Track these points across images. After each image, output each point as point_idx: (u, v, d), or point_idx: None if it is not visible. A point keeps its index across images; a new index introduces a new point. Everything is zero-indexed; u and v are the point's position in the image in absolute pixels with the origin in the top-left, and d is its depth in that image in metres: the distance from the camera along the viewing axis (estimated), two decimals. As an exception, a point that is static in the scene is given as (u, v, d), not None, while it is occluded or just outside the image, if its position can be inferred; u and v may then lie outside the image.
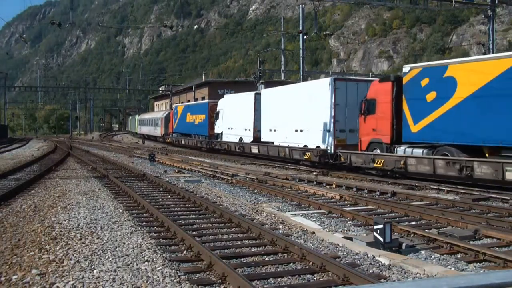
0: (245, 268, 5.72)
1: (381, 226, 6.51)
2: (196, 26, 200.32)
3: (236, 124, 28.29)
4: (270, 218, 8.85)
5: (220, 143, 29.47)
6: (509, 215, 9.29)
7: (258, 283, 5.17)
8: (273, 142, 23.52)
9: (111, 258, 5.97)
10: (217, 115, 31.05)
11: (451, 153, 14.31)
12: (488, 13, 24.95)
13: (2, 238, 7.15)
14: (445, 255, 6.39)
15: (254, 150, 24.53)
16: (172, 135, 42.55)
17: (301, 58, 30.07)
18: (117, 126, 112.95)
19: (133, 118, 70.65)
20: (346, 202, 11.06)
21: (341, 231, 7.88)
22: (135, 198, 10.77)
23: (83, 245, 6.62)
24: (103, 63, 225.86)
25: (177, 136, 40.78)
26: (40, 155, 25.54)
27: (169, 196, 11.71)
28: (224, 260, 5.67)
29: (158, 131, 48.65)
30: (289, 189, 13.06)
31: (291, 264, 5.88)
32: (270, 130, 24.12)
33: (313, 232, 7.52)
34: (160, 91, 76.92)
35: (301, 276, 5.42)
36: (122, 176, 15.93)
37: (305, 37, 31.67)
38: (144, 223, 8.36)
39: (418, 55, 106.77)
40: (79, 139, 57.91)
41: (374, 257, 6.01)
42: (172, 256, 6.17)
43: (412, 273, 5.46)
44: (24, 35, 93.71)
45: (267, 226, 8.03)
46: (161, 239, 7.15)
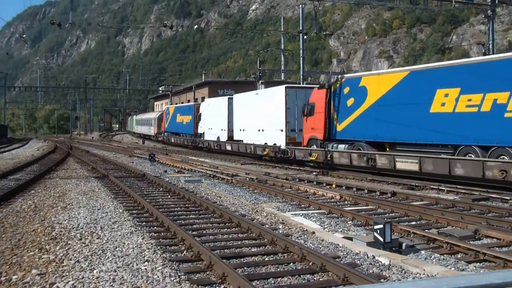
0: (245, 268, 5.71)
1: (381, 226, 6.51)
2: (196, 26, 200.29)
3: (215, 125, 31.60)
4: (270, 218, 8.85)
5: (202, 142, 32.99)
6: (509, 215, 9.29)
7: (258, 283, 5.17)
8: (243, 140, 26.54)
9: (111, 258, 5.97)
10: (200, 117, 34.62)
11: (363, 148, 17.51)
12: (488, 13, 24.93)
13: (2, 238, 7.15)
14: (445, 255, 6.39)
15: (228, 148, 27.76)
16: (164, 134, 45.58)
17: (301, 58, 30.05)
18: (117, 126, 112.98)
19: (132, 118, 73.86)
20: (346, 202, 11.06)
21: (341, 231, 7.88)
22: (135, 198, 10.77)
23: (83, 245, 6.62)
24: (103, 63, 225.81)
25: (168, 135, 43.93)
26: (40, 155, 25.55)
27: (169, 196, 11.71)
28: (224, 260, 5.67)
29: (152, 130, 52.07)
30: (289, 189, 13.06)
31: (291, 264, 5.87)
32: (240, 130, 27.36)
33: (313, 232, 7.52)
34: (160, 91, 76.93)
35: (301, 276, 5.42)
36: (122, 176, 15.94)
37: (305, 37, 31.64)
38: (144, 223, 8.35)
39: (418, 55, 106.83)
40: (79, 139, 57.91)
41: (374, 257, 6.01)
42: (172, 256, 6.17)
43: (412, 273, 5.46)
44: (24, 35, 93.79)
45: (267, 226, 8.03)
46: (161, 239, 7.15)
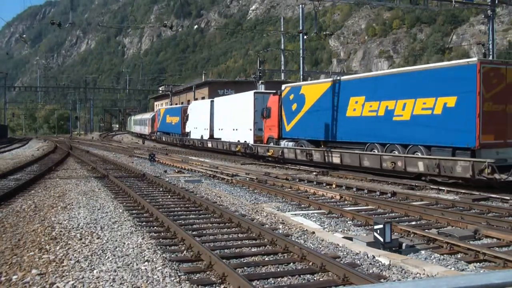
0: (245, 268, 5.71)
1: (381, 226, 6.51)
2: (196, 26, 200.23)
3: (199, 125, 34.91)
4: (270, 218, 8.85)
5: (188, 140, 36.36)
6: (509, 215, 9.29)
7: (258, 283, 5.17)
8: (221, 138, 29.91)
9: (111, 258, 5.97)
10: (187, 117, 38.20)
11: (304, 145, 20.67)
12: (488, 13, 24.90)
13: (2, 238, 7.15)
14: (445, 255, 6.39)
15: (209, 145, 30.99)
16: (156, 133, 49.68)
17: (301, 58, 30.05)
18: (117, 126, 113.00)
19: (130, 119, 78.11)
20: (346, 202, 11.06)
21: (341, 231, 7.88)
22: (135, 198, 10.77)
23: (83, 245, 6.62)
24: (103, 63, 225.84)
25: (160, 134, 47.91)
26: (40, 155, 25.55)
27: (169, 196, 11.71)
28: (224, 260, 5.67)
29: (146, 130, 56.59)
30: (289, 189, 13.06)
31: (291, 264, 5.87)
32: (219, 129, 30.82)
33: (313, 232, 7.52)
34: (160, 91, 76.94)
35: (301, 276, 5.42)
36: (122, 176, 15.93)
37: (305, 37, 31.64)
38: (144, 223, 8.35)
39: (418, 55, 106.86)
40: (79, 139, 57.91)
41: (374, 257, 6.01)
42: (172, 256, 6.17)
43: (412, 273, 5.46)
44: (24, 35, 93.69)
45: (267, 226, 8.03)
46: (161, 239, 7.15)
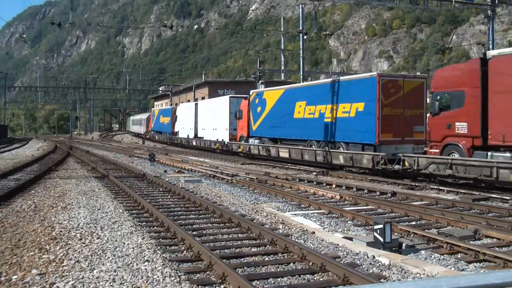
0: (245, 268, 5.72)
1: (381, 226, 6.51)
2: (196, 26, 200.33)
3: (186, 125, 38.36)
4: (270, 218, 8.85)
5: (176, 139, 39.89)
6: (509, 215, 9.29)
7: (258, 283, 5.17)
8: (203, 137, 33.65)
9: (111, 258, 5.97)
10: (176, 118, 41.70)
11: (265, 142, 24.27)
12: (488, 13, 24.89)
13: (2, 238, 7.15)
14: (445, 255, 6.39)
15: (194, 143, 34.82)
16: (150, 133, 53.62)
17: (301, 58, 30.02)
18: (117, 126, 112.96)
19: (129, 119, 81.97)
20: (346, 202, 11.06)
21: (341, 231, 7.88)
22: (135, 198, 10.77)
23: (83, 245, 6.62)
24: (103, 63, 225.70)
25: (153, 133, 51.80)
26: (40, 155, 25.54)
27: (169, 196, 11.71)
28: (224, 260, 5.67)
29: (142, 129, 60.62)
30: (289, 189, 13.06)
31: (291, 264, 5.88)
32: (202, 129, 34.57)
33: (313, 232, 7.52)
34: (160, 91, 76.92)
35: (301, 276, 5.42)
36: (122, 176, 15.93)
37: (305, 37, 31.62)
38: (144, 223, 8.35)
39: (418, 55, 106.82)
40: (79, 139, 57.89)
41: (374, 257, 6.01)
42: (172, 256, 6.17)
43: (412, 273, 5.46)
44: (24, 35, 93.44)
45: (267, 226, 8.03)
46: (161, 239, 7.15)
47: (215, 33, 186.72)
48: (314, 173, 17.40)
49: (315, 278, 5.39)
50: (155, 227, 8.05)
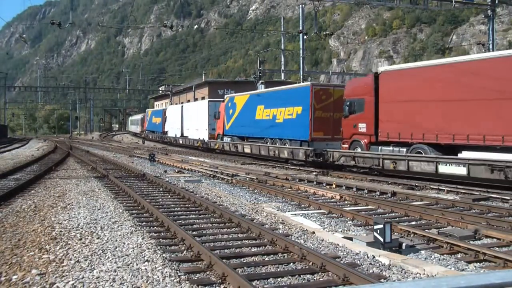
0: (245, 268, 5.71)
1: (381, 226, 6.50)
2: (196, 26, 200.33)
3: (174, 125, 41.85)
4: (270, 218, 8.85)
5: (166, 137, 43.69)
6: (509, 215, 9.29)
7: (258, 283, 5.17)
8: (188, 136, 37.07)
9: (111, 258, 5.97)
10: (166, 119, 45.27)
11: (235, 140, 27.56)
12: (488, 13, 24.92)
13: (2, 238, 7.14)
14: (445, 255, 6.39)
15: (180, 142, 38.40)
16: (145, 132, 57.70)
17: (301, 58, 30.06)
18: (117, 126, 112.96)
19: (128, 119, 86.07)
20: (346, 202, 11.06)
21: (341, 231, 7.88)
22: (135, 198, 10.76)
23: (83, 245, 6.62)
24: (103, 63, 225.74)
25: (147, 133, 55.67)
26: (40, 155, 25.54)
27: (169, 196, 11.71)
28: (224, 260, 5.67)
29: (138, 129, 65.30)
30: (289, 189, 13.06)
31: (291, 264, 5.87)
32: (187, 129, 37.95)
33: (313, 232, 7.52)
34: (160, 91, 76.94)
35: (301, 276, 5.42)
36: (122, 176, 15.93)
37: (305, 37, 31.64)
38: (144, 223, 8.35)
39: (418, 55, 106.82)
40: (79, 139, 57.91)
41: (374, 257, 6.01)
42: (172, 256, 6.17)
43: (412, 273, 5.46)
44: (24, 35, 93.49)
45: (267, 226, 8.02)
46: (161, 239, 7.14)
47: (215, 33, 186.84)
48: (314, 173, 17.40)
49: (315, 278, 5.38)
50: (155, 227, 8.05)
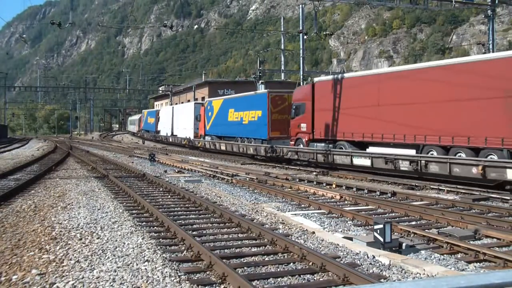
0: (245, 268, 5.71)
1: (381, 226, 6.50)
2: (196, 26, 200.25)
3: (165, 125, 46.14)
4: (270, 218, 8.85)
5: (159, 136, 48.29)
6: (509, 215, 9.29)
7: (258, 283, 5.17)
8: (177, 135, 40.96)
9: (111, 258, 5.97)
10: (159, 119, 50.04)
11: (214, 139, 31.35)
12: (488, 13, 24.88)
13: (2, 238, 7.15)
14: (445, 255, 6.39)
15: (170, 140, 42.57)
16: (141, 131, 62.04)
17: (301, 58, 30.01)
18: (117, 126, 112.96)
19: (128, 119, 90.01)
20: (346, 202, 11.05)
21: (341, 231, 7.88)
22: (135, 198, 10.76)
23: (83, 245, 6.62)
24: (103, 63, 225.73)
25: (143, 132, 60.10)
26: (40, 155, 25.54)
27: (169, 196, 11.71)
28: (224, 260, 5.67)
29: (136, 129, 70.30)
30: (289, 189, 13.06)
31: (291, 264, 5.87)
32: (177, 128, 42.03)
33: (313, 232, 7.52)
34: (160, 91, 76.93)
35: (301, 276, 5.42)
36: (122, 176, 15.93)
37: (305, 37, 31.61)
38: (144, 223, 8.35)
39: (418, 55, 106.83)
40: (79, 139, 57.91)
41: (374, 257, 6.01)
42: (172, 256, 6.17)
43: (412, 273, 5.46)
44: (24, 35, 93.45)
45: (267, 226, 8.02)
46: (161, 239, 7.15)
47: (215, 33, 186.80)
48: (314, 173, 17.40)
49: (315, 278, 5.38)
50: (155, 227, 8.05)
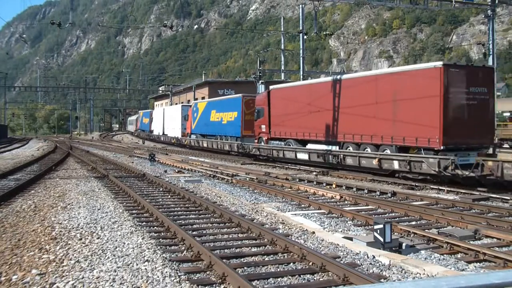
0: (245, 268, 5.71)
1: (381, 226, 6.51)
2: (196, 26, 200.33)
3: (158, 125, 50.19)
4: (270, 218, 8.85)
5: (152, 135, 52.36)
6: (509, 215, 9.30)
7: (258, 283, 5.17)
8: (167, 134, 44.87)
9: (111, 258, 5.97)
10: (152, 120, 53.97)
11: (198, 137, 34.71)
12: (488, 13, 24.87)
13: (2, 238, 7.15)
14: (445, 255, 6.39)
15: (161, 139, 46.29)
16: (138, 131, 66.11)
17: (301, 58, 30.03)
18: (117, 126, 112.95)
19: (128, 119, 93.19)
20: (346, 202, 11.06)
21: (341, 231, 7.88)
22: (135, 198, 10.76)
23: (83, 245, 6.62)
24: (103, 63, 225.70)
25: (139, 132, 63.95)
26: (40, 155, 25.54)
27: (169, 196, 11.71)
28: (224, 260, 5.67)
29: (133, 128, 74.20)
30: (289, 189, 13.06)
31: (291, 264, 5.87)
32: (167, 128, 45.97)
33: (313, 232, 7.52)
34: (160, 91, 76.95)
35: (301, 276, 5.42)
36: (122, 176, 15.93)
37: (305, 37, 31.63)
38: (144, 223, 8.35)
39: (418, 55, 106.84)
40: (79, 139, 57.89)
41: (374, 257, 6.01)
42: (172, 256, 6.17)
43: (412, 273, 5.46)
44: (24, 35, 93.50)
45: (267, 226, 8.03)
46: (161, 239, 7.15)
47: (215, 33, 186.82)
48: (314, 173, 17.40)
49: (315, 278, 5.38)
50: (155, 227, 8.05)
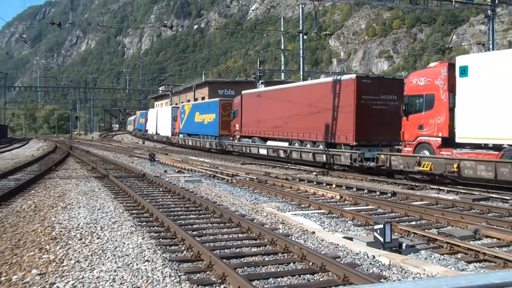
0: (245, 268, 5.71)
1: (381, 226, 6.51)
2: (196, 26, 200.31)
3: (152, 125, 54.06)
4: (270, 218, 8.85)
5: (147, 134, 56.40)
6: (509, 215, 9.30)
7: (258, 283, 5.17)
8: (160, 133, 48.74)
9: (111, 258, 5.97)
10: (147, 120, 58.21)
11: (185, 136, 38.53)
12: (488, 13, 24.90)
13: (2, 238, 7.15)
14: (445, 255, 6.39)
15: (154, 138, 50.61)
16: (135, 130, 71.25)
17: (301, 58, 30.04)
18: (117, 126, 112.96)
19: (128, 119, 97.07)
20: (346, 202, 11.06)
21: (341, 231, 7.88)
22: (135, 198, 10.77)
23: (83, 245, 6.62)
24: (103, 63, 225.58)
25: (136, 131, 68.82)
26: (40, 155, 25.54)
27: (169, 196, 11.71)
28: (224, 260, 5.67)
29: (131, 128, 79.09)
30: (289, 189, 13.06)
31: (291, 264, 5.87)
32: (160, 128, 49.32)
33: (313, 232, 7.52)
34: (160, 91, 76.98)
35: (301, 276, 5.42)
36: (122, 176, 15.93)
37: (305, 37, 31.64)
38: (144, 223, 8.35)
39: (418, 55, 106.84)
40: (79, 139, 57.90)
41: (374, 257, 6.01)
42: (172, 256, 6.17)
43: (412, 273, 5.46)
44: (24, 35, 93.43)
45: (267, 226, 8.03)
46: (161, 239, 7.15)
47: (215, 33, 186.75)
48: (314, 173, 17.41)
49: (315, 278, 5.38)
50: (155, 227, 8.05)
